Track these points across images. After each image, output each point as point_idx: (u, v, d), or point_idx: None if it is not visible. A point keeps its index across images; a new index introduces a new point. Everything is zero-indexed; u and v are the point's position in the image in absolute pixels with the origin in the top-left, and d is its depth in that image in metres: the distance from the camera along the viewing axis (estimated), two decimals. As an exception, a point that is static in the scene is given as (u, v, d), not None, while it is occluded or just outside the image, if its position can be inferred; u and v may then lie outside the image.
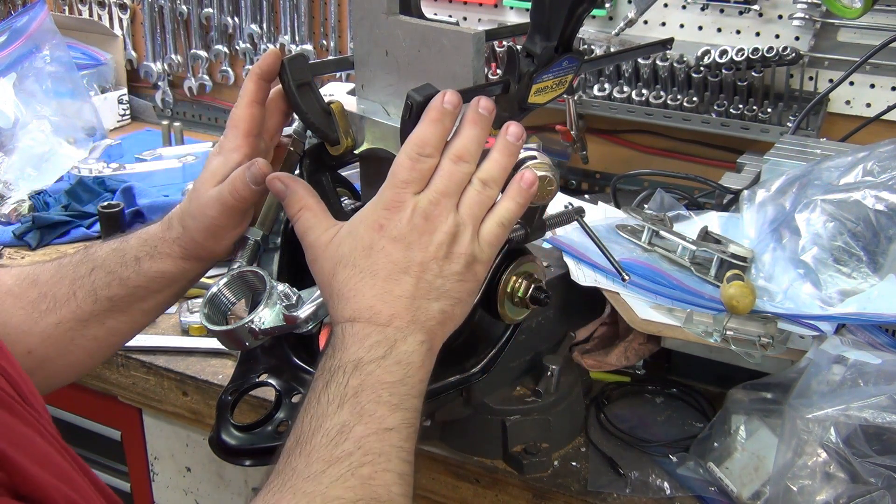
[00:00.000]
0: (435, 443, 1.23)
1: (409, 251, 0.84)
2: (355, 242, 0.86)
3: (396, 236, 0.84)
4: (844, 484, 0.99)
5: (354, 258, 0.85)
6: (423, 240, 0.85)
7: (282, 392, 1.02)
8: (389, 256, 0.84)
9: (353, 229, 0.87)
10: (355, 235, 0.86)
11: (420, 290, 0.84)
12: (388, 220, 0.85)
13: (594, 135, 2.06)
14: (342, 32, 2.31)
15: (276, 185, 0.95)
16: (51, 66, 2.27)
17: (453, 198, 0.86)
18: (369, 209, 0.87)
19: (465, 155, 0.87)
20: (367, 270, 0.84)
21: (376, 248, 0.85)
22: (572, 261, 1.26)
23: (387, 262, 0.84)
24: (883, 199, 1.22)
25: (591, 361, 1.29)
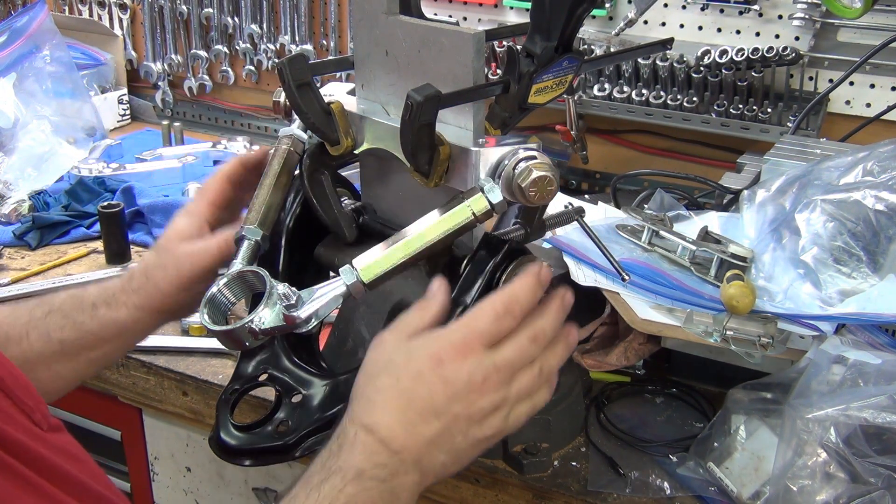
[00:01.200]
0: (435, 443, 1.23)
1: (452, 400, 0.84)
2: (410, 360, 0.85)
3: (449, 379, 0.84)
4: (844, 484, 0.99)
5: (401, 374, 0.85)
6: (471, 397, 0.85)
7: (282, 392, 1.02)
8: (433, 394, 0.84)
9: (415, 347, 0.86)
10: (413, 353, 0.86)
11: (440, 439, 0.84)
12: (450, 359, 0.85)
13: (594, 135, 2.06)
14: (342, 32, 2.31)
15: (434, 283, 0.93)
16: (51, 66, 2.27)
17: (514, 373, 0.87)
18: (438, 338, 0.87)
19: (541, 338, 0.90)
20: (406, 394, 0.84)
21: (425, 379, 0.84)
22: (572, 261, 1.26)
23: (427, 398, 0.84)
24: (883, 199, 1.22)
25: (591, 361, 1.29)
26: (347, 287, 0.92)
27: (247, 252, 1.05)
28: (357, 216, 1.14)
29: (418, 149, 0.93)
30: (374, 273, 0.92)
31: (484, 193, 0.92)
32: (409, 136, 0.91)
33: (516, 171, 0.91)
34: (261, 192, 1.10)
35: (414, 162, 0.95)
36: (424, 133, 0.92)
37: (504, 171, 0.92)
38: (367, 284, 0.92)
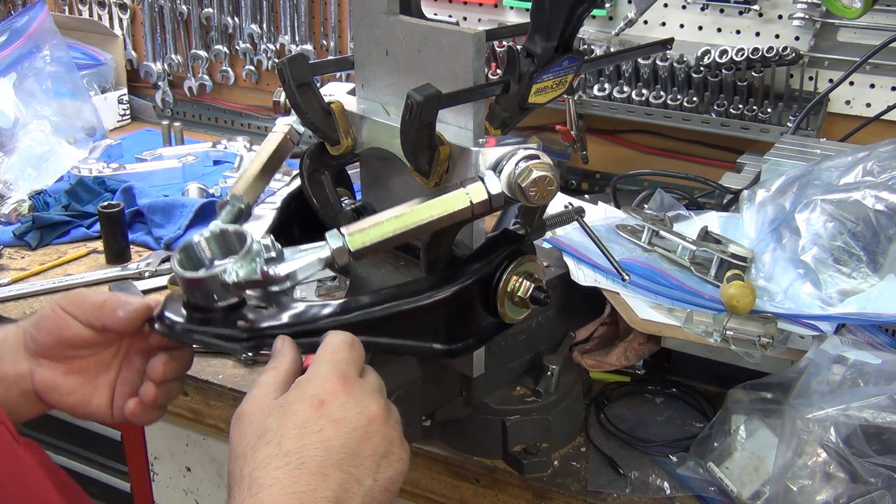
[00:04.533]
0: (435, 443, 1.23)
1: (349, 440, 0.72)
2: (286, 416, 0.73)
3: (340, 418, 0.73)
4: (844, 484, 0.99)
5: (282, 437, 0.72)
6: (371, 429, 0.74)
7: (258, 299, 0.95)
8: (326, 443, 0.72)
9: (287, 402, 0.74)
10: (287, 409, 0.73)
11: (346, 493, 0.71)
12: (333, 396, 0.74)
13: (594, 135, 2.06)
14: (342, 32, 2.31)
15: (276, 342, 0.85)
16: (51, 66, 2.27)
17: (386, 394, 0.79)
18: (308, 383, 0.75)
19: None
20: (294, 456, 0.71)
21: (312, 429, 0.72)
22: (572, 261, 1.26)
23: (320, 450, 0.71)
24: (883, 199, 1.22)
25: (591, 361, 1.29)
26: (332, 251, 0.88)
27: (228, 216, 1.05)
28: (357, 216, 1.14)
29: (418, 149, 0.93)
30: (362, 241, 0.88)
31: (483, 183, 0.91)
32: (409, 136, 0.91)
33: (516, 170, 0.91)
34: (251, 167, 1.13)
35: (414, 162, 0.95)
36: (424, 133, 0.92)
37: (504, 170, 0.92)
38: (352, 252, 0.88)
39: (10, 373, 0.92)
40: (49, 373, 0.93)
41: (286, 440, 0.71)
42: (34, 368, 0.93)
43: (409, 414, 1.06)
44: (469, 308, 0.99)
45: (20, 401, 0.93)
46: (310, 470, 0.70)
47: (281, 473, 0.70)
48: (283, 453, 0.71)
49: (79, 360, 0.93)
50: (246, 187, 1.11)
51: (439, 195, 0.91)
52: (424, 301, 0.94)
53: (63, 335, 0.91)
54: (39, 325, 0.92)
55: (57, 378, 0.93)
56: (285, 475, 0.70)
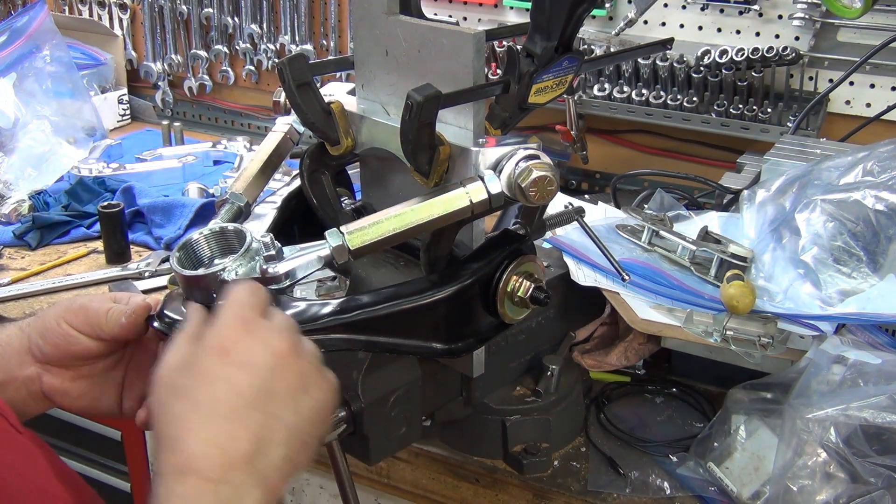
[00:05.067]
0: (435, 443, 1.23)
1: (261, 381, 0.73)
2: (193, 370, 0.73)
3: (246, 362, 0.73)
4: (844, 484, 0.99)
5: (192, 390, 0.72)
6: (282, 366, 0.74)
7: None
8: (237, 387, 0.72)
9: (192, 357, 0.74)
10: (192, 363, 0.74)
11: (268, 430, 0.71)
12: (235, 342, 0.74)
13: (594, 135, 2.06)
14: (342, 32, 2.31)
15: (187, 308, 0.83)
16: (51, 66, 2.27)
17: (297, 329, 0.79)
18: (210, 335, 0.75)
19: None
20: (206, 406, 0.71)
21: (218, 376, 0.73)
22: (572, 261, 1.26)
23: (231, 395, 0.71)
24: (883, 199, 1.22)
25: (591, 361, 1.29)
26: (331, 250, 0.88)
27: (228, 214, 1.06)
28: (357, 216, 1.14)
29: (418, 149, 0.93)
30: (362, 240, 0.89)
31: (483, 183, 0.91)
32: (409, 136, 0.91)
33: (516, 170, 0.91)
34: (250, 166, 1.14)
35: (414, 162, 0.95)
36: (424, 133, 0.92)
37: (504, 170, 0.92)
38: (352, 251, 0.88)
39: (18, 375, 0.93)
40: (57, 379, 0.94)
41: (196, 392, 0.72)
42: (41, 374, 0.94)
43: (409, 414, 1.06)
44: (469, 308, 0.99)
45: (29, 400, 0.94)
46: (223, 416, 0.71)
47: (195, 425, 0.70)
48: (195, 406, 0.71)
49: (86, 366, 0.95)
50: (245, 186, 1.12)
51: (439, 195, 0.91)
52: (425, 300, 0.94)
53: (71, 350, 0.93)
54: (46, 338, 0.93)
55: (65, 384, 0.94)
56: (200, 426, 0.70)
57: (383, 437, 1.04)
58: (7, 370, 0.93)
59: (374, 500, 1.37)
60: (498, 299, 0.98)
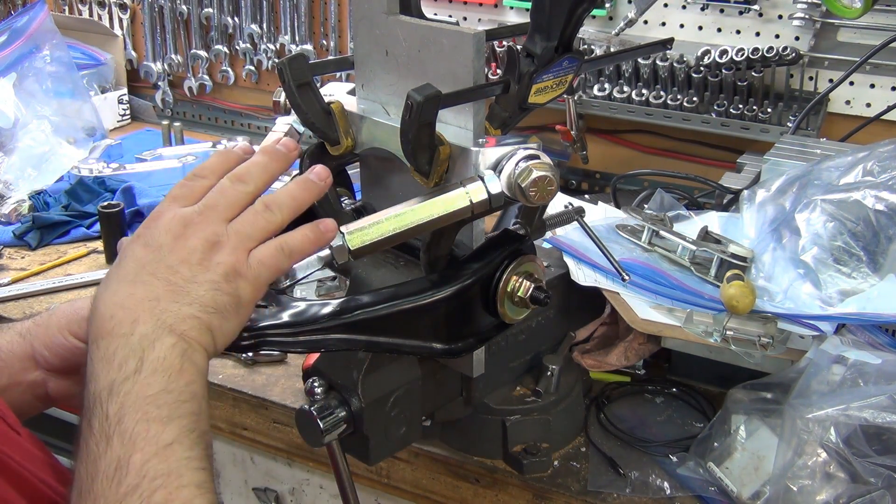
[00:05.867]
0: (435, 443, 1.23)
1: (159, 252, 0.80)
2: (121, 256, 0.82)
3: (149, 241, 0.81)
4: (844, 484, 0.99)
5: (110, 273, 0.81)
6: (178, 244, 0.80)
7: None
8: (138, 260, 0.80)
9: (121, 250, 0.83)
10: (125, 252, 0.82)
11: (167, 292, 0.78)
12: (145, 227, 0.82)
13: (594, 135, 2.06)
14: (342, 32, 2.31)
15: None
16: (51, 66, 2.27)
17: (222, 212, 0.83)
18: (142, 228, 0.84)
19: (245, 176, 0.86)
20: (114, 278, 0.80)
21: (127, 254, 0.81)
22: (572, 261, 1.26)
23: (134, 266, 0.80)
24: (883, 199, 1.22)
25: (591, 361, 1.29)
26: (331, 250, 0.88)
27: None
28: (357, 216, 1.14)
29: (418, 149, 0.93)
30: (362, 240, 0.89)
31: (483, 183, 0.91)
32: (409, 136, 0.91)
33: (516, 170, 0.91)
34: None
35: (414, 162, 0.95)
36: (424, 133, 0.92)
37: (504, 170, 0.92)
38: (352, 251, 0.88)
39: (22, 380, 0.95)
40: (63, 384, 0.96)
41: (111, 272, 0.81)
42: (46, 380, 0.96)
43: (409, 414, 1.06)
44: (469, 308, 0.99)
45: (35, 402, 0.97)
46: (128, 281, 0.79)
47: (104, 293, 0.79)
48: (108, 280, 0.80)
49: None
50: None
51: (439, 195, 0.91)
52: (425, 300, 0.94)
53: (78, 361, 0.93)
54: (52, 350, 0.95)
55: (72, 388, 0.96)
56: (106, 293, 0.79)
57: (383, 437, 1.04)
58: (10, 375, 0.94)
59: (374, 500, 1.37)
60: (498, 299, 0.98)
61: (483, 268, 0.97)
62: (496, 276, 0.97)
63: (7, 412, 0.81)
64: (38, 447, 0.83)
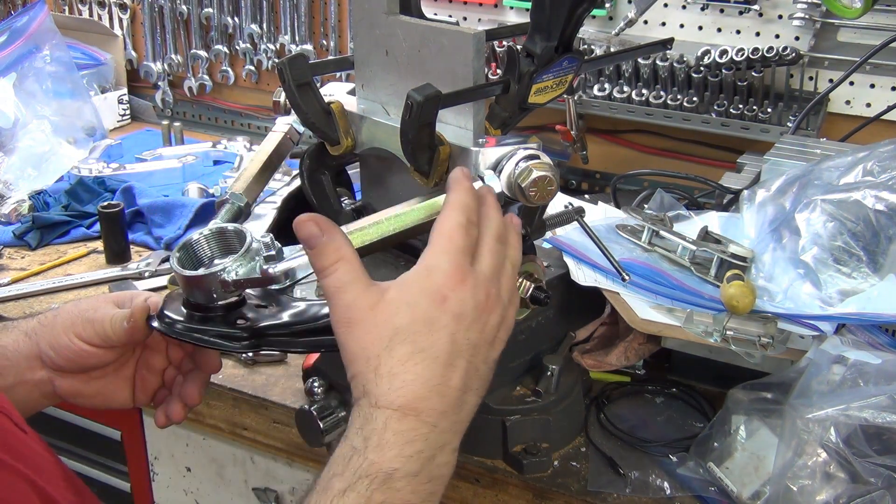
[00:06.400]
0: (435, 443, 1.23)
1: (468, 332, 0.77)
2: (415, 314, 0.76)
3: (460, 313, 0.77)
4: (844, 484, 0.99)
5: (414, 333, 0.75)
6: (482, 319, 0.78)
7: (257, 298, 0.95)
8: (452, 336, 0.76)
9: (412, 298, 0.77)
10: (414, 306, 0.76)
11: (469, 379, 0.77)
12: (452, 290, 0.77)
13: (594, 135, 2.06)
14: (342, 32, 2.31)
15: (308, 228, 0.79)
16: (51, 66, 2.27)
17: (499, 277, 0.83)
18: (426, 277, 0.78)
19: (502, 234, 0.85)
20: (429, 352, 0.75)
21: (440, 324, 0.76)
22: (572, 261, 1.26)
23: (448, 342, 0.76)
24: (883, 199, 1.22)
25: (591, 361, 1.29)
26: None
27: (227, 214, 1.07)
28: (357, 216, 1.14)
29: (418, 149, 0.93)
30: (362, 241, 0.89)
31: (483, 183, 0.91)
32: (409, 136, 0.91)
33: (516, 170, 0.91)
34: (250, 167, 1.16)
35: (414, 162, 0.95)
36: (424, 133, 0.92)
37: (504, 170, 0.92)
38: None
39: (29, 379, 0.96)
40: (69, 382, 0.97)
41: (419, 337, 0.75)
42: (53, 378, 0.96)
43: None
44: None
45: (42, 400, 0.97)
46: (442, 363, 0.75)
47: (420, 368, 0.75)
48: (419, 350, 0.75)
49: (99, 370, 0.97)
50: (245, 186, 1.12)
51: (439, 195, 0.91)
52: None
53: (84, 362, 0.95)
54: (58, 351, 0.95)
55: (78, 386, 0.97)
56: (424, 369, 0.75)
57: (383, 437, 1.04)
58: (18, 374, 0.96)
59: (374, 500, 1.37)
60: (498, 299, 0.98)
61: None
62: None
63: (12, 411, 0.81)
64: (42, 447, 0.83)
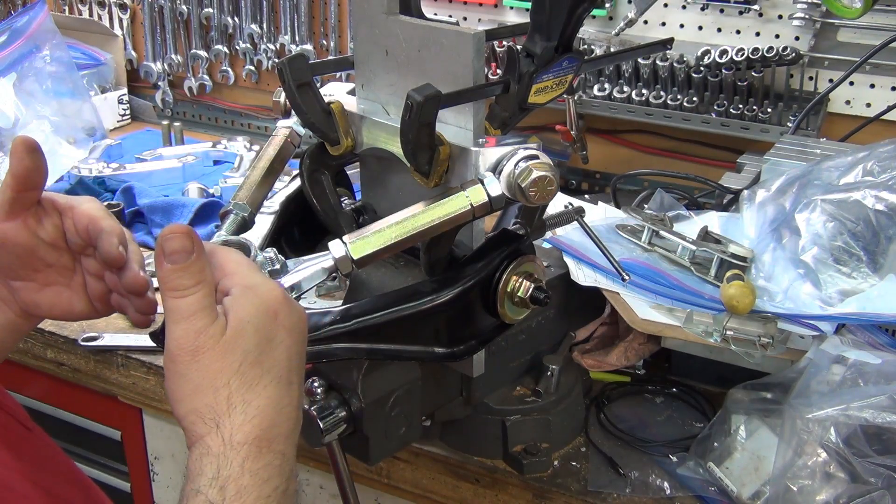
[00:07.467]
0: (435, 443, 1.23)
1: (299, 344, 0.74)
2: (259, 334, 0.72)
3: (291, 326, 0.74)
4: (844, 484, 0.99)
5: (260, 354, 0.72)
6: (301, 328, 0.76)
7: None
8: (287, 351, 0.73)
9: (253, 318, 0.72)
10: (257, 325, 0.72)
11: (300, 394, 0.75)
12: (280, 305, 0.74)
13: (594, 135, 2.06)
14: (342, 32, 2.31)
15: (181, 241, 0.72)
16: (51, 66, 2.27)
17: None
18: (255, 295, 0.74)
19: None
20: (273, 372, 0.72)
21: (276, 342, 0.73)
22: (572, 261, 1.26)
23: (286, 360, 0.73)
24: (883, 199, 1.22)
25: (591, 361, 1.29)
26: (335, 261, 0.89)
27: (232, 225, 1.06)
28: (357, 216, 1.14)
29: (418, 149, 0.93)
30: (365, 250, 0.89)
31: (483, 186, 0.91)
32: (409, 136, 0.91)
33: (516, 171, 0.91)
34: (253, 174, 1.14)
35: (414, 162, 0.95)
36: (424, 133, 0.92)
37: (504, 170, 0.92)
38: (355, 261, 0.89)
39: None
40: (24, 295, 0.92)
41: (264, 357, 0.72)
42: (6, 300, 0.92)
43: (409, 414, 1.06)
44: (470, 310, 0.99)
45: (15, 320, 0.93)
46: (285, 381, 0.73)
47: (270, 389, 0.71)
48: (265, 371, 0.72)
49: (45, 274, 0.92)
50: (248, 195, 1.10)
51: (440, 199, 0.91)
52: (425, 305, 0.95)
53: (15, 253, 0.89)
54: None
55: (32, 296, 0.92)
56: (273, 391, 0.71)
57: (383, 437, 1.04)
58: None
59: (374, 500, 1.37)
60: (498, 299, 0.98)
61: (483, 269, 0.97)
62: (496, 277, 0.97)
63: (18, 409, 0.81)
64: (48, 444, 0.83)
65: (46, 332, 1.50)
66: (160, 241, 0.72)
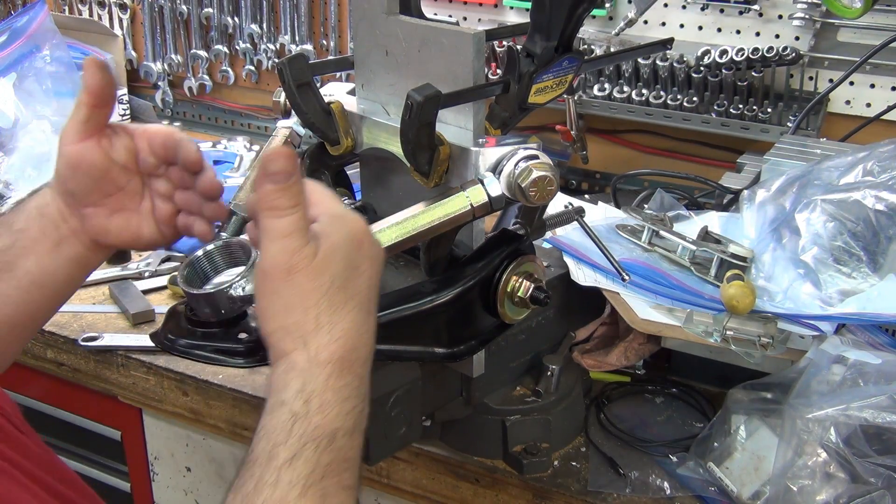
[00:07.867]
0: (435, 443, 1.23)
1: (377, 275, 0.77)
2: (345, 260, 0.74)
3: (373, 256, 0.77)
4: (844, 484, 0.99)
5: (346, 280, 0.74)
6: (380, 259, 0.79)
7: None
8: (369, 280, 0.76)
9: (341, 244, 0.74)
10: (345, 252, 0.74)
11: (375, 323, 0.77)
12: (364, 235, 0.77)
13: (594, 135, 2.06)
14: (342, 32, 2.31)
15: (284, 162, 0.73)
16: (51, 66, 2.27)
17: None
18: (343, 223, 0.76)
19: None
20: (356, 298, 0.75)
21: (360, 270, 0.75)
22: (572, 261, 1.26)
23: (367, 289, 0.76)
24: (883, 199, 1.22)
25: (591, 361, 1.29)
26: None
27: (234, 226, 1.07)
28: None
29: (418, 149, 0.93)
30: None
31: (483, 186, 0.91)
32: (409, 136, 0.91)
33: (516, 171, 0.91)
34: (253, 174, 1.14)
35: (414, 162, 0.95)
36: (424, 133, 0.92)
37: (504, 170, 0.92)
38: None
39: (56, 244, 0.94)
40: (96, 220, 0.95)
41: (349, 283, 0.74)
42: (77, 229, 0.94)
43: (409, 414, 1.06)
44: (470, 310, 0.99)
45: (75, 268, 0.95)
46: (365, 309, 0.75)
47: (354, 314, 0.74)
48: (350, 296, 0.74)
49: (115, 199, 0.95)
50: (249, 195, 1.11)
51: (440, 199, 0.91)
52: (426, 305, 0.95)
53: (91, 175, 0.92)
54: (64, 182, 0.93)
55: (103, 222, 0.95)
56: (356, 315, 0.74)
57: (383, 437, 1.04)
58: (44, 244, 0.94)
59: (374, 500, 1.37)
60: (498, 299, 0.98)
61: (482, 269, 0.97)
62: (496, 277, 0.97)
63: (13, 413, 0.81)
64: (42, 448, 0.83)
65: (46, 332, 1.50)
66: (263, 162, 0.73)
